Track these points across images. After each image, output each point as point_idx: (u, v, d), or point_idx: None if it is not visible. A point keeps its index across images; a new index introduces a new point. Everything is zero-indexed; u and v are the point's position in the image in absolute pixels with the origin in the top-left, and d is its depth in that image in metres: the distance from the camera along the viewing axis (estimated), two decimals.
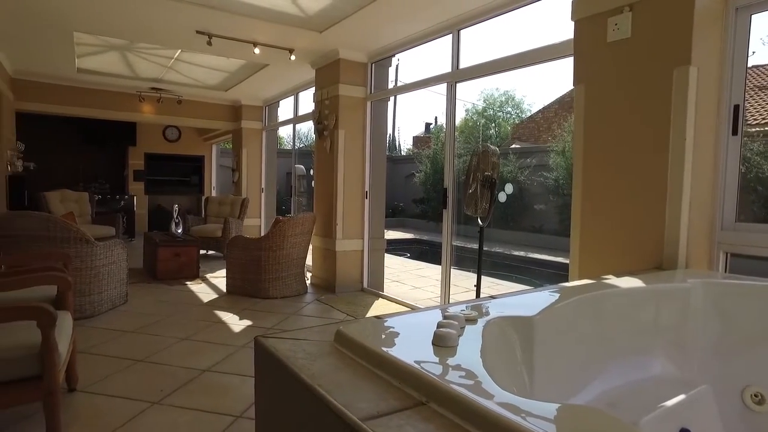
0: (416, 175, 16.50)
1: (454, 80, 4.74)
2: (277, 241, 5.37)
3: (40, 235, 4.07)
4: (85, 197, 7.87)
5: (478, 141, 21.75)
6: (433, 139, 17.65)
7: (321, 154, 6.18)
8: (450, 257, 4.84)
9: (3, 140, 6.74)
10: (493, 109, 25.27)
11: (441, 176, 15.89)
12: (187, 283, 6.09)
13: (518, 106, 25.11)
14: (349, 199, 5.93)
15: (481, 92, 25.94)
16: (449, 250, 4.83)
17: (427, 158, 16.54)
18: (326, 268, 6.08)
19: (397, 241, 13.59)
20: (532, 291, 2.01)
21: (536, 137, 18.44)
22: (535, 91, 35.15)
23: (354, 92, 5.90)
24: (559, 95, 17.38)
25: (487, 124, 25.67)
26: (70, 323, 2.73)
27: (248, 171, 9.08)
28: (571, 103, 12.53)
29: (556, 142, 13.46)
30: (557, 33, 5.19)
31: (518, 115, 25.40)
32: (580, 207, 3.09)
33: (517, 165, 13.70)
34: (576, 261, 3.13)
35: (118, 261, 4.74)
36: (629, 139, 2.74)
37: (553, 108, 17.48)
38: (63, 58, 6.46)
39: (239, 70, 7.06)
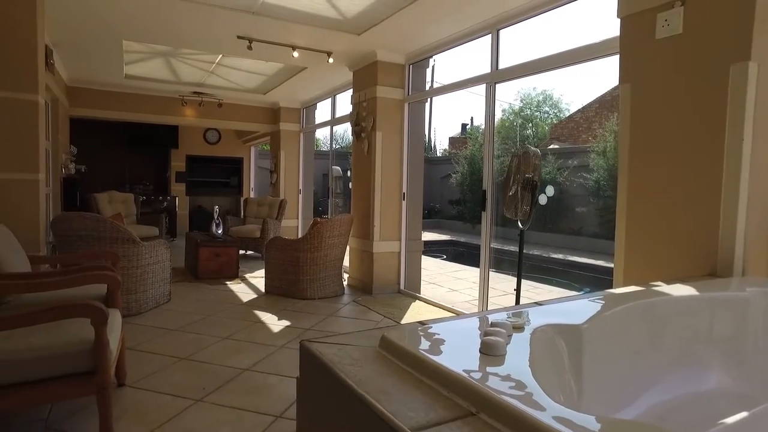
0: (452, 176, 16.39)
1: (494, 81, 4.68)
2: (314, 242, 5.42)
3: (91, 235, 4.24)
4: (130, 198, 8.16)
5: (515, 142, 21.44)
6: (470, 140, 17.48)
7: (358, 155, 6.21)
8: (489, 260, 4.78)
9: (59, 145, 7.05)
10: (530, 109, 24.84)
11: (478, 177, 15.74)
12: (227, 282, 6.22)
13: (556, 106, 24.60)
14: (386, 200, 5.93)
15: (517, 92, 25.58)
16: (488, 252, 4.77)
17: (464, 159, 16.40)
18: (363, 269, 6.10)
19: (433, 243, 13.52)
20: (577, 297, 1.95)
21: (575, 137, 18.02)
22: (574, 91, 34.31)
23: (392, 94, 5.90)
24: (599, 94, 16.93)
25: (524, 125, 25.25)
26: (120, 321, 2.82)
27: (286, 173, 9.22)
28: (612, 102, 12.34)
29: (596, 142, 13.11)
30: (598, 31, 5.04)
31: (556, 115, 24.86)
32: (626, 209, 2.99)
33: (556, 166, 13.41)
34: (621, 266, 3.03)
35: (162, 261, 4.88)
36: (680, 139, 2.64)
37: (593, 107, 17.04)
38: (112, 66, 6.71)
39: (278, 74, 7.17)
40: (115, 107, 8.34)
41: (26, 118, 3.91)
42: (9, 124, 3.84)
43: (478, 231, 14.95)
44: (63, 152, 7.35)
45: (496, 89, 4.72)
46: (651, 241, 2.80)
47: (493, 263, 5.65)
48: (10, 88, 3.84)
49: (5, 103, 3.82)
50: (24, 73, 3.90)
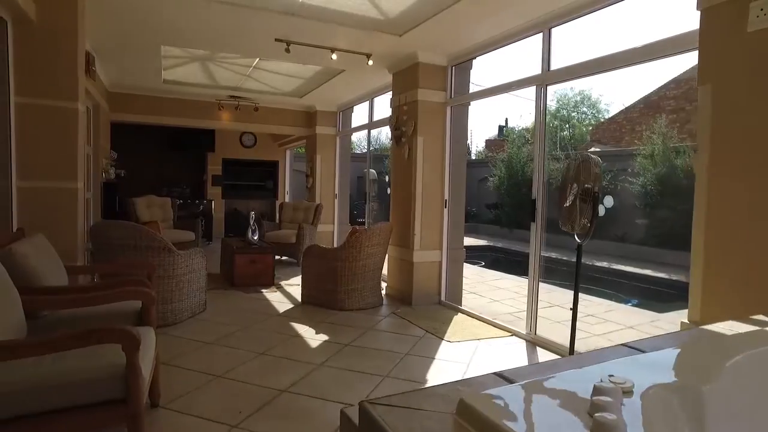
0: (490, 179, 15.99)
1: (545, 83, 4.38)
2: (353, 252, 5.23)
3: (128, 244, 4.16)
4: (168, 203, 8.17)
5: (554, 144, 20.82)
6: (507, 142, 17.04)
7: (398, 161, 5.99)
8: (538, 274, 4.48)
9: (99, 150, 7.10)
10: (567, 110, 24.15)
11: (516, 181, 15.31)
12: (263, 290, 6.10)
13: (594, 106, 23.84)
14: (427, 208, 5.69)
15: (554, 92, 24.89)
16: (537, 266, 4.47)
17: (501, 162, 15.98)
18: (402, 279, 5.88)
19: (471, 249, 13.13)
20: (670, 338, 1.67)
21: (618, 139, 17.34)
22: (614, 90, 33.16)
23: (433, 97, 5.66)
24: (644, 94, 16.23)
25: (561, 126, 24.54)
26: (153, 339, 2.68)
27: (322, 177, 9.08)
28: (659, 102, 11.69)
29: (642, 144, 12.53)
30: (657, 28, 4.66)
31: (594, 116, 24.07)
32: (704, 221, 2.68)
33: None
34: (698, 286, 2.72)
35: (197, 269, 4.77)
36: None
37: (637, 108, 16.34)
38: (151, 71, 6.70)
39: (315, 77, 7.03)
40: (154, 112, 8.38)
41: (66, 125, 3.85)
42: (48, 132, 3.77)
43: (516, 236, 14.42)
44: (103, 157, 7.40)
45: (547, 91, 4.42)
46: (739, 260, 2.47)
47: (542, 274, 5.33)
48: (50, 95, 3.78)
49: (45, 111, 3.76)
50: (64, 81, 3.84)
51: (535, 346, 4.36)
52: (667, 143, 11.32)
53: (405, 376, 3.52)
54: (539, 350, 4.24)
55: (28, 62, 3.65)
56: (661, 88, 15.19)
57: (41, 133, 3.72)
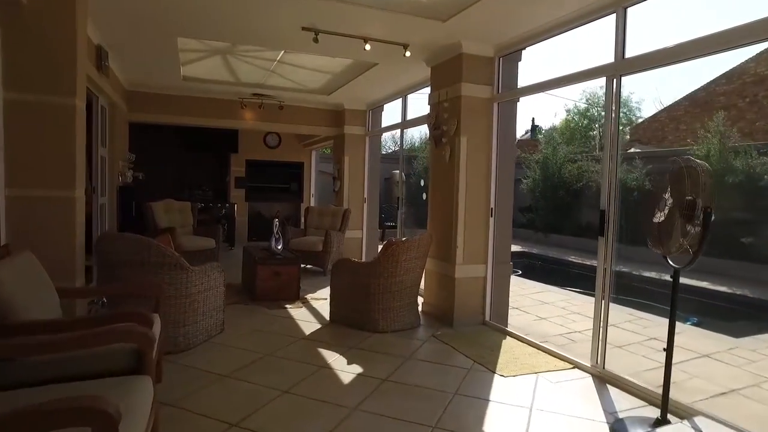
0: (523, 182, 15.21)
1: (618, 73, 3.71)
2: (388, 267, 4.63)
3: (135, 260, 3.64)
4: (187, 207, 7.70)
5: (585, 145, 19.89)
6: (542, 143, 16.22)
7: (438, 164, 5.37)
8: (608, 296, 3.81)
9: (116, 152, 6.67)
10: (597, 109, 23.15)
11: (552, 183, 14.47)
12: (287, 306, 5.54)
13: (625, 105, 22.81)
14: (471, 217, 5.06)
15: (582, 90, 23.96)
16: (608, 287, 3.80)
17: (536, 164, 15.18)
18: (442, 296, 5.25)
19: None
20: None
21: (660, 139, 16.35)
22: (644, 88, 31.52)
23: (479, 92, 5.02)
24: (689, 91, 15.23)
25: (590, 125, 23.49)
26: (150, 394, 2.12)
27: (350, 179, 8.51)
28: (707, 99, 10.64)
29: (693, 144, 11.61)
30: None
31: (626, 115, 22.99)
32: None
33: (644, 171, 11.99)
34: None
35: (214, 287, 4.24)
36: None
37: (682, 106, 15.34)
38: (169, 67, 6.22)
39: (345, 71, 6.45)
40: (174, 111, 7.94)
41: (63, 125, 3.34)
42: (42, 133, 3.28)
43: (552, 241, 13.45)
44: (120, 160, 6.97)
45: (621, 82, 3.74)
46: None
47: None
48: (45, 90, 3.29)
49: (39, 109, 3.26)
50: (61, 73, 3.33)
51: (604, 383, 3.68)
52: (725, 143, 10.40)
53: (457, 426, 2.89)
54: (612, 390, 3.56)
55: (17, 51, 3.16)
56: (710, 83, 14.18)
57: (34, 134, 3.22)
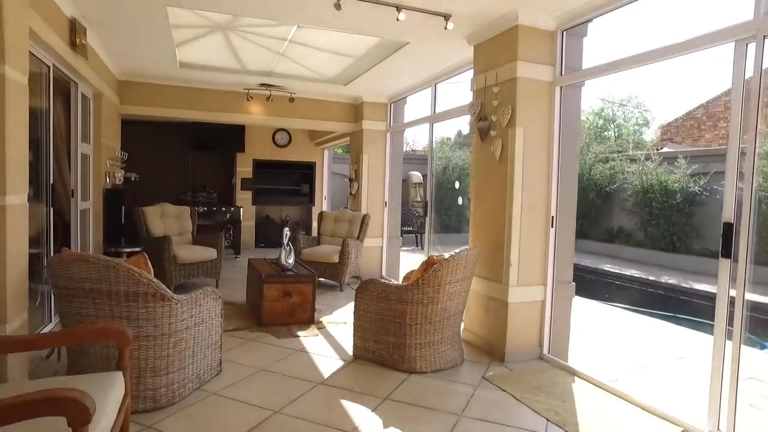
0: None
1: (762, 33, 2.71)
2: (429, 291, 3.67)
3: (99, 289, 2.70)
4: (186, 212, 6.77)
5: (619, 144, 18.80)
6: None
7: (484, 162, 4.40)
8: (741, 336, 2.82)
9: (102, 149, 5.76)
10: (612, 109, 22.14)
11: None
12: (300, 334, 4.60)
13: (641, 105, 21.87)
14: (527, 227, 4.09)
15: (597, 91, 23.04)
16: (739, 325, 2.82)
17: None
18: (489, 323, 4.29)
19: None
20: None
21: (695, 138, 15.28)
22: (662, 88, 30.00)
23: (538, 74, 4.06)
24: (726, 86, 14.15)
25: (605, 125, 22.39)
26: None
27: (369, 181, 7.56)
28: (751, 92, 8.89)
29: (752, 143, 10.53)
30: None
31: (642, 114, 21.96)
32: None
33: (688, 172, 10.94)
34: None
35: (209, 319, 3.30)
36: None
37: (721, 102, 14.27)
38: (161, 47, 5.29)
39: (368, 54, 5.49)
40: (173, 104, 7.02)
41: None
42: None
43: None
44: (108, 158, 6.07)
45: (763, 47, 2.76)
46: None
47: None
48: None
49: None
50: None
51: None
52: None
53: None
54: None
55: None
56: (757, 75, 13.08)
57: None
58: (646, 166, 11.62)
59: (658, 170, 11.31)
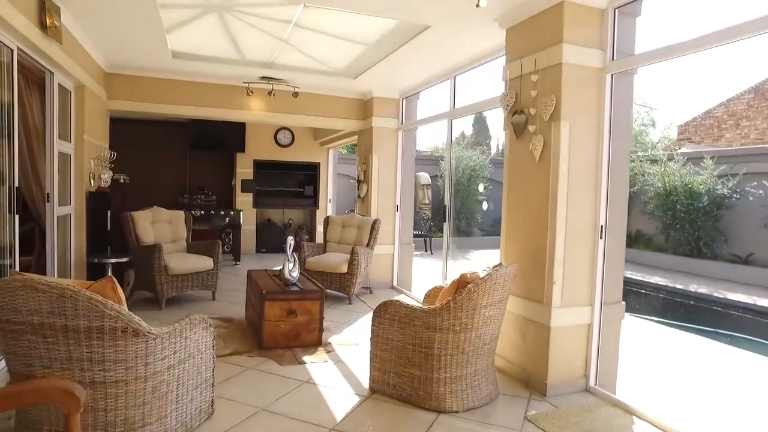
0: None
1: None
2: (462, 316, 3.07)
3: (52, 324, 2.12)
4: (179, 217, 6.18)
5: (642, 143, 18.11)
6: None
7: (520, 162, 3.81)
8: None
9: (86, 147, 5.18)
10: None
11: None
12: (306, 360, 4.00)
13: (646, 104, 21.18)
14: (574, 239, 3.50)
15: None
16: None
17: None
18: (527, 349, 3.69)
19: None
20: None
21: (715, 137, 14.66)
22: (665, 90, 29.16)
23: (586, 59, 3.47)
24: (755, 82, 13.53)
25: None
26: None
27: (379, 183, 6.96)
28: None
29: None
30: None
31: (648, 114, 21.34)
32: None
33: (715, 173, 10.32)
34: None
35: (198, 353, 2.71)
36: None
37: (744, 99, 13.65)
38: (150, 31, 4.70)
39: (381, 42, 4.90)
40: (166, 99, 6.43)
41: None
42: None
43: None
44: (93, 157, 5.49)
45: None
46: None
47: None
48: None
49: None
50: None
51: None
52: None
53: None
54: None
55: None
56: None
57: None
58: (668, 167, 11.00)
59: (682, 171, 10.69)
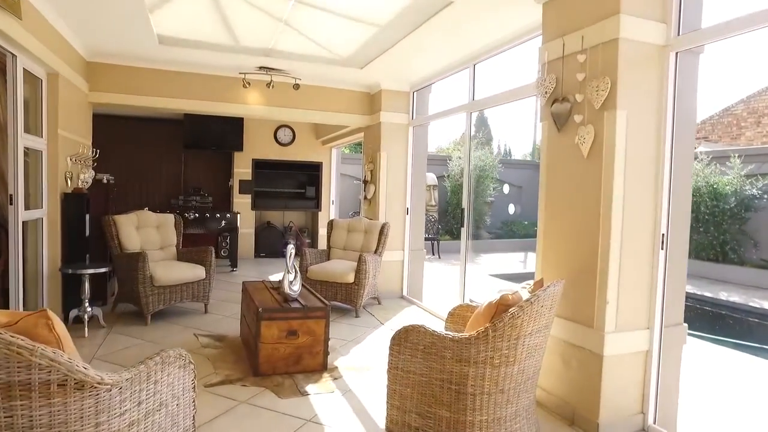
0: None
1: None
2: (503, 347, 2.49)
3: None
4: (168, 221, 5.60)
5: None
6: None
7: (562, 159, 3.23)
8: None
9: (60, 144, 4.60)
10: None
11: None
12: (310, 390, 3.42)
13: None
14: (630, 250, 2.92)
15: None
16: None
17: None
18: (571, 379, 3.12)
19: None
20: None
21: (734, 136, 14.08)
22: None
23: (646, 33, 2.89)
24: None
25: None
26: None
27: (388, 183, 6.38)
28: None
29: None
30: None
31: None
32: None
33: (742, 173, 9.74)
34: None
35: (173, 399, 2.12)
36: None
37: (766, 96, 13.07)
38: (128, 6, 4.13)
39: (394, 23, 4.31)
40: (154, 91, 5.85)
41: None
42: None
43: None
44: (69, 155, 4.91)
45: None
46: None
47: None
48: None
49: None
50: None
51: None
52: None
53: None
54: None
55: None
56: None
57: None
58: None
59: (706, 171, 10.10)
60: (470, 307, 3.31)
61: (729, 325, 7.61)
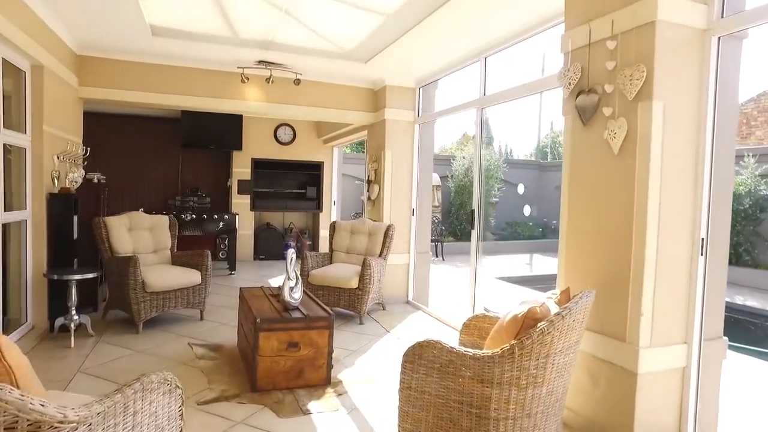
0: None
1: None
2: (530, 366, 2.21)
3: None
4: (162, 223, 5.32)
5: None
6: None
7: (589, 156, 2.95)
8: None
9: (45, 141, 4.32)
10: None
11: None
12: (312, 408, 3.14)
13: None
14: (667, 257, 2.64)
15: None
16: None
17: None
18: (599, 398, 2.83)
19: None
20: None
21: (744, 136, 13.77)
22: None
23: (686, 16, 2.61)
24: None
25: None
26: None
27: (393, 183, 6.09)
28: None
29: None
30: None
31: None
32: None
33: (757, 172, 9.46)
34: None
35: (157, 430, 1.84)
36: None
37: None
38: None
39: (401, 12, 4.03)
40: (147, 87, 5.59)
41: None
42: None
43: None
44: (56, 153, 4.62)
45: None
46: None
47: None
48: None
49: None
50: None
51: None
52: None
53: None
54: None
55: None
56: None
57: None
58: None
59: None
60: (487, 317, 3.03)
61: (750, 331, 7.32)
